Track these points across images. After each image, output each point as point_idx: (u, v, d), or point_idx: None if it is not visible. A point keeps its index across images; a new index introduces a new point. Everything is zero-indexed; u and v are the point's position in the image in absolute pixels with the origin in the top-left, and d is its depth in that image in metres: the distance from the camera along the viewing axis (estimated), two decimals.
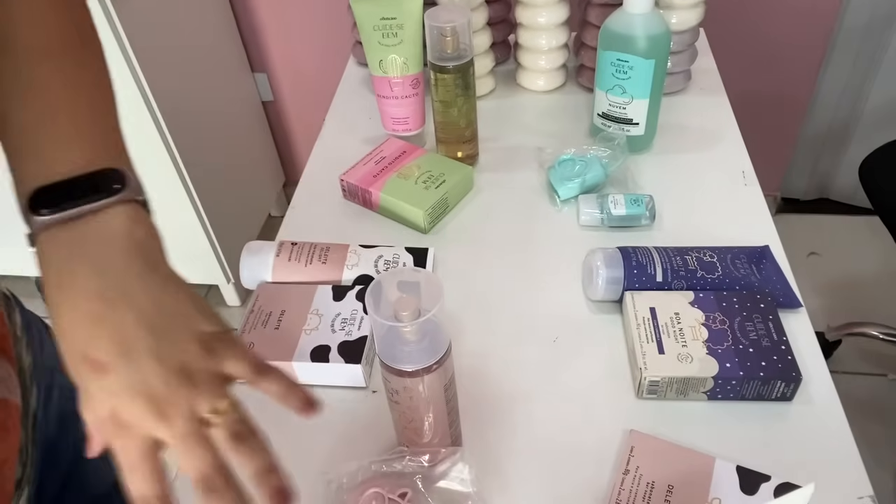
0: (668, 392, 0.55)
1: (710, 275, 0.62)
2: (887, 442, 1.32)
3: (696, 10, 0.87)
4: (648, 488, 0.49)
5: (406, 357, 0.44)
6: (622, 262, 0.62)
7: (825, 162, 1.74)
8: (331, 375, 0.58)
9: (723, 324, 0.57)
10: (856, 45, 1.50)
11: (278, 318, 0.62)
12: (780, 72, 1.54)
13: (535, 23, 0.90)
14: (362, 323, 0.61)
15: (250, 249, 0.68)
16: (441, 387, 0.46)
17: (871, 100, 1.59)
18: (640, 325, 0.58)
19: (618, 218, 0.71)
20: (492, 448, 0.54)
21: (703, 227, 0.72)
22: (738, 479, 0.49)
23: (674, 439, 0.52)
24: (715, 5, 1.14)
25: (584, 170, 0.76)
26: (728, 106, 0.90)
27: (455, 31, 0.71)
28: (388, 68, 0.79)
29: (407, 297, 0.42)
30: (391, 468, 0.49)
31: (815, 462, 0.51)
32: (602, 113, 0.81)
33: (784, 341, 0.56)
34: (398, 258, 0.67)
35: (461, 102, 0.76)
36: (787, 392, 0.54)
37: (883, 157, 1.26)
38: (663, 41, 0.74)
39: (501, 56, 1.00)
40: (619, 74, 0.76)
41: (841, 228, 1.78)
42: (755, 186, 0.76)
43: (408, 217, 0.74)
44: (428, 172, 0.76)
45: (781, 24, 1.46)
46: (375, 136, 0.87)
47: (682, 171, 0.80)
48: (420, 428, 0.49)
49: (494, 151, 0.85)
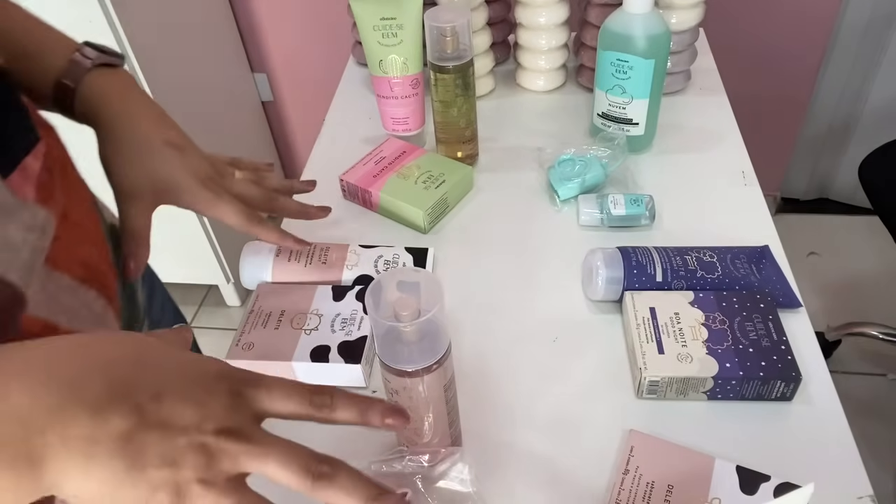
0: (668, 392, 0.55)
1: (709, 275, 0.62)
2: (887, 442, 1.32)
3: (696, 10, 0.87)
4: (648, 488, 0.49)
5: (406, 357, 0.44)
6: (622, 262, 0.62)
7: (825, 162, 1.74)
8: (331, 375, 0.58)
9: (723, 324, 0.57)
10: (855, 45, 1.50)
11: (278, 318, 0.62)
12: (780, 72, 1.54)
13: (535, 23, 0.90)
14: (362, 323, 0.61)
15: (250, 249, 0.68)
16: (441, 387, 0.46)
17: (871, 100, 1.59)
18: (639, 325, 0.58)
19: (618, 218, 0.71)
20: (492, 448, 0.54)
21: (703, 227, 0.72)
22: (737, 479, 0.49)
23: (674, 439, 0.52)
24: (715, 5, 1.14)
25: (583, 170, 0.76)
26: (728, 106, 0.90)
27: (455, 31, 0.71)
28: (388, 68, 0.79)
29: (407, 297, 0.42)
30: (391, 468, 0.49)
31: (815, 462, 0.51)
32: (602, 113, 0.81)
33: (784, 341, 0.56)
34: (398, 258, 0.67)
35: (461, 102, 0.76)
36: (787, 392, 0.54)
37: (883, 157, 1.26)
38: (663, 41, 0.74)
39: (501, 56, 1.00)
40: (619, 74, 0.76)
41: (841, 228, 1.78)
42: (755, 186, 0.76)
43: (407, 217, 0.74)
44: (428, 172, 0.76)
45: (781, 25, 1.46)
46: (375, 136, 0.87)
47: (682, 171, 0.80)
48: (420, 428, 0.49)
49: (494, 151, 0.85)
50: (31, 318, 0.37)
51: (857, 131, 1.65)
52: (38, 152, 0.38)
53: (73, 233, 0.42)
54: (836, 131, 1.67)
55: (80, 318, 0.41)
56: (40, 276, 0.38)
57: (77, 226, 0.43)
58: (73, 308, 0.41)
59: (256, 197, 0.56)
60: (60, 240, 0.40)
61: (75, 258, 0.42)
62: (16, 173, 0.36)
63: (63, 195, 0.41)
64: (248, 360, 0.58)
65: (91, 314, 0.43)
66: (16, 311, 0.35)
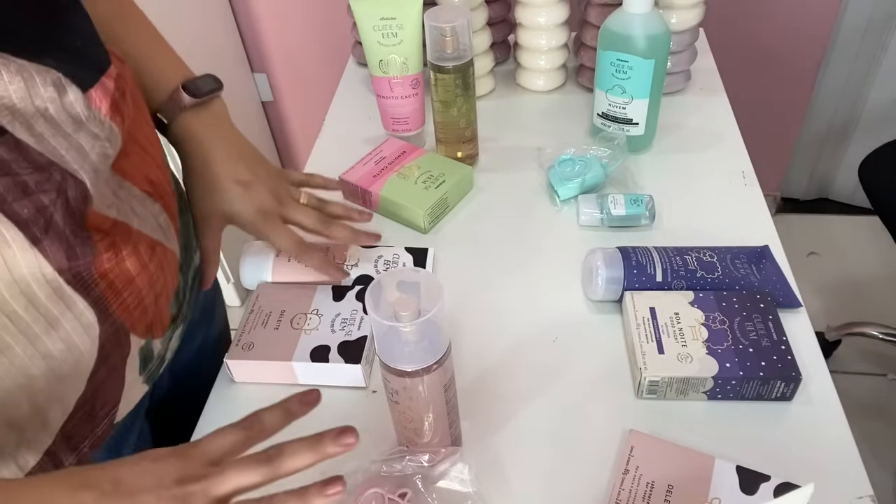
0: (668, 392, 0.55)
1: (709, 275, 0.62)
2: (887, 442, 1.32)
3: (695, 10, 0.87)
4: (648, 488, 0.49)
5: (406, 357, 0.44)
6: (622, 262, 0.62)
7: (825, 162, 1.74)
8: (331, 375, 0.58)
9: (722, 324, 0.57)
10: (855, 45, 1.50)
11: (278, 318, 0.62)
12: (780, 72, 1.54)
13: (535, 23, 0.90)
14: (362, 323, 0.61)
15: (250, 249, 0.68)
16: (441, 387, 0.46)
17: (871, 100, 1.59)
18: (639, 325, 0.58)
19: (618, 218, 0.71)
20: (492, 448, 0.54)
21: (703, 227, 0.71)
22: (737, 479, 0.49)
23: (674, 439, 0.52)
24: (715, 5, 1.14)
25: (583, 170, 0.76)
26: (728, 106, 0.90)
27: (455, 31, 0.71)
28: (388, 68, 0.79)
29: (407, 297, 0.42)
30: (391, 468, 0.49)
31: (815, 462, 0.51)
32: (602, 113, 0.81)
33: (784, 341, 0.56)
34: (398, 258, 0.67)
35: (461, 102, 0.76)
36: (787, 392, 0.54)
37: (883, 157, 1.26)
38: (663, 41, 0.74)
39: (501, 56, 1.00)
40: (619, 74, 0.76)
41: (841, 228, 1.78)
42: (755, 186, 0.76)
43: (407, 217, 0.74)
44: (428, 172, 0.76)
45: (781, 25, 1.46)
46: (375, 136, 0.87)
47: (682, 171, 0.80)
48: (420, 428, 0.49)
49: (494, 151, 0.85)
50: (102, 216, 0.42)
51: (857, 131, 1.65)
52: (111, 73, 0.43)
53: (140, 153, 0.49)
54: (836, 131, 1.66)
55: (148, 224, 0.47)
56: (112, 183, 0.45)
57: (143, 149, 0.50)
58: (142, 215, 0.47)
59: (311, 224, 0.62)
60: (129, 156, 0.47)
61: (142, 174, 0.48)
62: (95, 89, 0.41)
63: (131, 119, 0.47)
64: (248, 360, 0.58)
65: (157, 225, 0.49)
66: (84, 206, 0.41)
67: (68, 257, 0.39)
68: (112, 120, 0.42)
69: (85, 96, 0.40)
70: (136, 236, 0.45)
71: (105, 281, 0.43)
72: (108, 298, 0.43)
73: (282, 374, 0.59)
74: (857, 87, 1.57)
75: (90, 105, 0.40)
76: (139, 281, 0.45)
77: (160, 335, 0.50)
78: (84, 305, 0.42)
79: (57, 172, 0.38)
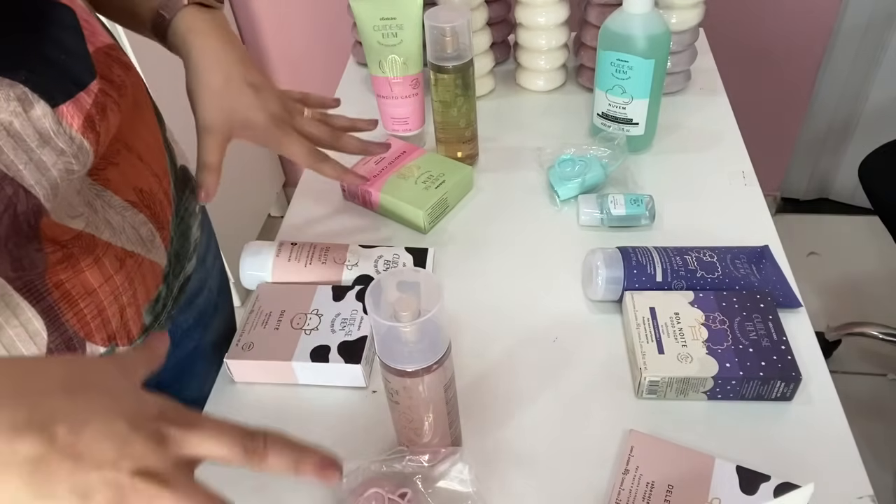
0: (668, 392, 0.55)
1: (709, 275, 0.62)
2: (887, 442, 1.32)
3: (696, 10, 0.87)
4: (648, 488, 0.49)
5: (406, 357, 0.44)
6: (622, 262, 0.62)
7: (825, 162, 1.74)
8: (331, 375, 0.58)
9: (722, 324, 0.57)
10: (855, 45, 1.50)
11: (278, 318, 0.62)
12: (780, 72, 1.54)
13: (534, 23, 0.90)
14: (362, 323, 0.61)
15: (250, 249, 0.68)
16: (441, 387, 0.46)
17: (871, 100, 1.59)
18: (639, 325, 0.58)
19: (618, 218, 0.71)
20: (492, 448, 0.54)
21: (703, 227, 0.71)
22: (737, 479, 0.49)
23: (674, 439, 0.52)
24: (715, 5, 1.14)
25: (583, 170, 0.76)
26: (728, 106, 0.90)
27: (455, 31, 0.71)
28: (387, 68, 0.79)
29: (407, 297, 0.42)
30: (391, 468, 0.49)
31: (815, 462, 0.51)
32: (602, 113, 0.81)
33: (784, 341, 0.56)
34: (398, 258, 0.67)
35: (461, 102, 0.76)
36: (787, 392, 0.54)
37: (883, 157, 1.26)
38: (663, 41, 0.74)
39: (501, 56, 1.00)
40: (619, 74, 0.76)
41: (841, 228, 1.78)
42: (755, 186, 0.76)
43: (407, 217, 0.74)
44: (428, 172, 0.76)
45: (781, 24, 1.46)
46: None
47: (682, 171, 0.80)
48: (420, 428, 0.49)
49: (494, 151, 0.85)
50: (63, 227, 0.42)
51: (857, 131, 1.65)
52: (91, 89, 0.42)
53: (133, 162, 0.48)
54: (836, 131, 1.66)
55: (124, 235, 0.47)
56: (87, 193, 0.44)
57: (139, 157, 0.49)
58: (118, 225, 0.46)
59: (322, 135, 0.60)
60: (119, 165, 0.47)
61: (130, 184, 0.48)
62: (67, 105, 0.40)
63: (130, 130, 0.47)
64: (247, 360, 0.58)
65: (137, 236, 0.48)
66: (36, 219, 0.40)
67: (14, 269, 0.39)
68: (84, 136, 0.41)
69: (55, 111, 0.39)
70: (102, 248, 0.45)
71: (60, 290, 0.43)
72: (61, 308, 0.43)
73: (282, 374, 0.59)
74: (857, 87, 1.57)
75: (60, 120, 0.40)
76: (101, 292, 0.45)
77: (126, 343, 0.49)
78: (33, 314, 0.41)
79: (9, 186, 0.38)
